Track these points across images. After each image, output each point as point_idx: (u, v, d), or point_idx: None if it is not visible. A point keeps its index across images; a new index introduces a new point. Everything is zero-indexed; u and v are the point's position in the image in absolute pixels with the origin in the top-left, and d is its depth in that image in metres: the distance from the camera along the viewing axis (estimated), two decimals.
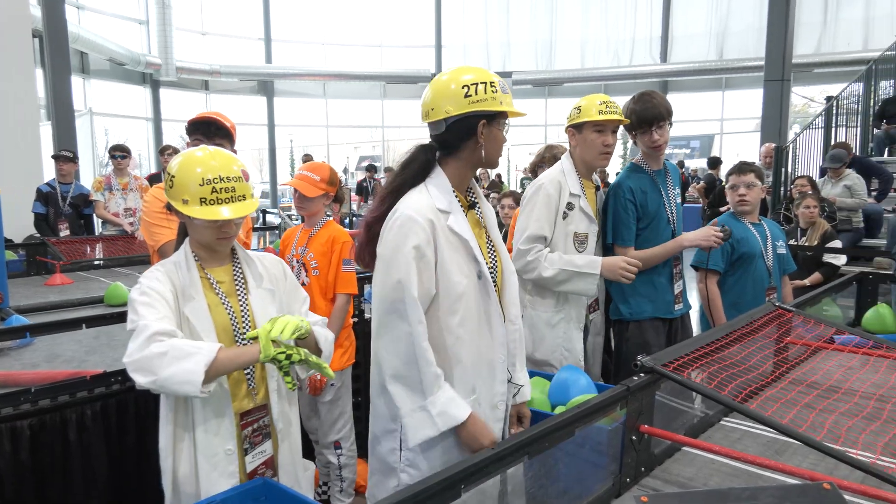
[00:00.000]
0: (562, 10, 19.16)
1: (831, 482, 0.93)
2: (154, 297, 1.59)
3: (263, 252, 1.94)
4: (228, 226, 1.67)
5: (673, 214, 2.74)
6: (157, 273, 1.67)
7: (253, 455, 1.73)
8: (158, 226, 2.41)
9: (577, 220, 2.61)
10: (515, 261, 2.53)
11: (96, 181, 6.12)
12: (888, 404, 1.77)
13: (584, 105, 2.58)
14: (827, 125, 8.34)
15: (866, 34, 15.71)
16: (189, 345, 1.51)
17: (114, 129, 16.70)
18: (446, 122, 1.70)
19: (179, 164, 1.66)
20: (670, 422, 1.83)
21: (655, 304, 2.69)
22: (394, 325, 1.67)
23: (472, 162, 1.76)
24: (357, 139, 21.63)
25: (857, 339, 2.29)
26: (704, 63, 17.41)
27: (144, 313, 1.53)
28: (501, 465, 1.23)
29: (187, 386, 1.46)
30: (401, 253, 1.65)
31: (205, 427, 1.66)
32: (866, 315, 2.91)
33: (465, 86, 1.67)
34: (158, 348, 1.46)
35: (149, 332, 1.48)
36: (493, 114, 1.70)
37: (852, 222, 6.45)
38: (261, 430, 1.75)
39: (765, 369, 1.99)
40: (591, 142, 2.57)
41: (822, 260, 5.33)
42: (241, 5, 19.07)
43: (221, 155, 1.69)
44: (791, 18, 9.14)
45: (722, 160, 10.13)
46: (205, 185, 1.61)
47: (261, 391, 1.76)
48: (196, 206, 1.62)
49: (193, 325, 1.65)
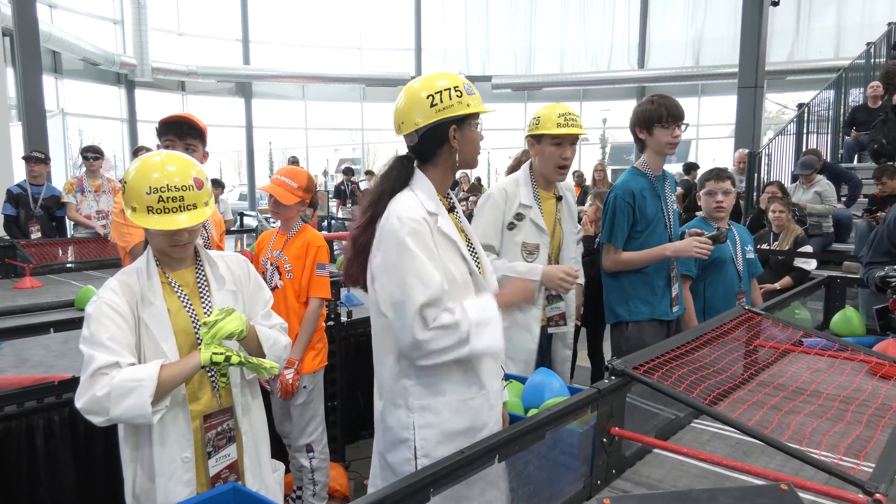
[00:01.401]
0: (541, 16, 19.30)
1: (789, 483, 0.95)
2: (106, 311, 1.59)
3: (229, 252, 1.94)
4: (180, 234, 1.65)
5: (670, 220, 2.78)
6: (114, 283, 1.66)
7: (216, 459, 1.72)
8: (130, 226, 2.37)
9: (525, 231, 2.63)
10: None
11: (68, 183, 6.01)
12: (852, 406, 1.81)
13: (544, 116, 2.57)
14: (798, 132, 8.50)
15: (837, 43, 16.07)
16: (129, 378, 1.51)
17: (88, 130, 16.45)
18: (418, 133, 1.71)
19: (134, 170, 1.64)
20: (642, 424, 1.85)
21: (653, 307, 2.72)
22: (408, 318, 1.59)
23: (451, 166, 1.77)
24: (337, 142, 21.54)
25: (823, 342, 2.34)
26: (681, 70, 17.67)
27: (94, 331, 1.56)
28: (471, 469, 1.23)
29: (140, 419, 1.53)
30: (408, 250, 1.59)
31: (161, 436, 1.65)
32: (834, 318, 2.97)
33: (429, 95, 1.68)
34: (101, 389, 1.49)
35: (91, 369, 1.52)
36: (463, 117, 1.70)
37: (822, 227, 6.58)
38: (224, 433, 1.75)
39: (734, 371, 2.02)
40: (549, 154, 2.59)
41: (794, 264, 5.43)
42: (218, 6, 18.89)
43: (178, 160, 1.66)
44: (764, 27, 9.31)
45: (699, 165, 10.28)
46: (152, 194, 1.59)
47: (225, 393, 1.76)
48: (143, 214, 1.60)
49: (152, 330, 1.64)
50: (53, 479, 2.30)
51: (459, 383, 1.70)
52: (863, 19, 15.45)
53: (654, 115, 2.66)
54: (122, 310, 1.61)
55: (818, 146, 8.30)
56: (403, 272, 1.59)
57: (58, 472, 2.31)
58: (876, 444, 1.52)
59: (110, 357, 1.53)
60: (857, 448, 1.52)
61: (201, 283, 1.77)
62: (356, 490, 3.17)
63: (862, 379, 2.09)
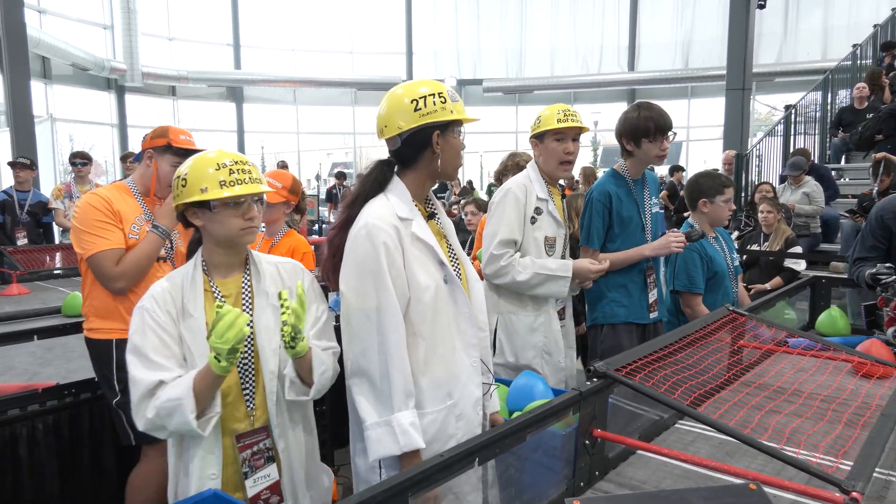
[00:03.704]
0: (531, 19, 19.37)
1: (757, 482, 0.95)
2: (147, 321, 1.59)
3: (287, 261, 1.85)
4: (251, 210, 1.63)
5: (648, 223, 2.78)
6: (157, 290, 1.65)
7: (255, 479, 1.65)
8: (91, 234, 2.29)
9: (545, 225, 2.62)
10: (488, 266, 2.54)
11: (56, 189, 5.99)
12: (832, 405, 1.82)
13: (545, 115, 2.61)
14: (786, 133, 8.57)
15: (825, 44, 16.21)
16: (169, 399, 1.51)
17: (78, 136, 16.38)
18: (401, 137, 1.72)
19: (189, 165, 1.65)
20: (627, 425, 1.86)
21: (629, 309, 2.72)
22: (367, 335, 1.64)
23: (430, 172, 1.77)
24: (329, 146, 21.52)
25: (807, 342, 2.35)
26: (671, 72, 17.78)
27: (139, 343, 1.58)
28: (450, 473, 1.23)
29: (191, 434, 1.54)
30: (373, 260, 1.64)
31: (192, 451, 1.63)
32: (820, 318, 2.98)
33: (413, 100, 1.70)
34: (150, 412, 1.52)
35: (138, 394, 1.54)
36: (446, 123, 1.72)
37: (810, 228, 6.63)
38: (262, 453, 1.67)
39: (718, 372, 2.03)
40: (553, 150, 2.59)
41: (784, 265, 5.47)
42: (209, 11, 18.87)
43: (231, 152, 1.70)
44: (751, 29, 9.38)
45: (684, 168, 10.35)
46: (221, 169, 1.60)
47: (260, 413, 1.69)
48: (216, 189, 1.59)
49: (189, 345, 1.61)
50: (37, 488, 2.28)
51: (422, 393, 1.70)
52: (849, 21, 15.59)
53: (642, 129, 2.65)
54: (161, 320, 1.60)
55: (806, 147, 8.36)
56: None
57: (42, 481, 2.30)
58: (855, 443, 1.53)
59: (152, 375, 1.54)
60: (836, 447, 1.53)
61: (245, 294, 1.70)
62: (344, 494, 3.16)
63: (844, 378, 2.10)
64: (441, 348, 1.72)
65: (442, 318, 1.73)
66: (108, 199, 2.34)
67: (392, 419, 1.60)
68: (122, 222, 2.34)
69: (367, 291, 1.64)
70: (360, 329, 1.65)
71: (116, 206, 2.34)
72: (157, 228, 2.37)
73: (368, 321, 1.63)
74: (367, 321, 1.64)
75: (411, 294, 1.68)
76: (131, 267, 2.31)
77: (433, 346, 1.71)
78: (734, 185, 3.08)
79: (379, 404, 1.63)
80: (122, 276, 2.30)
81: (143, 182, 2.48)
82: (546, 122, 2.58)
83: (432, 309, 1.70)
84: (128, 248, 2.33)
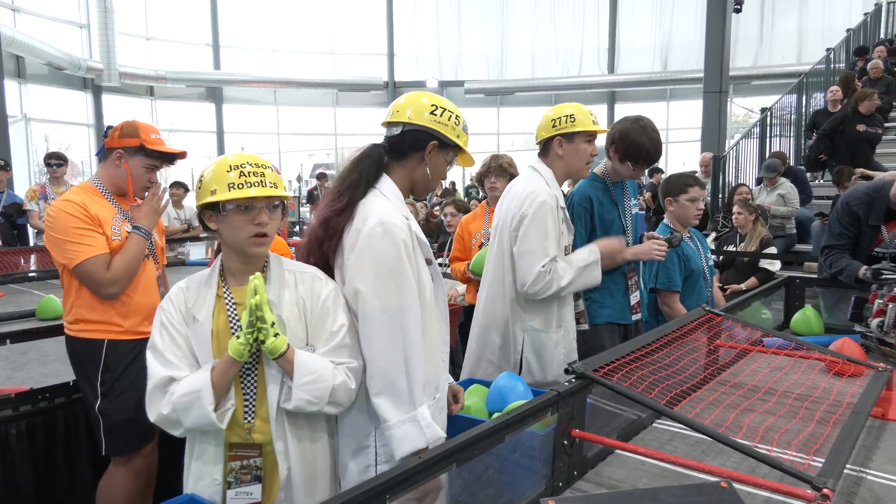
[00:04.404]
0: (512, 22, 19.44)
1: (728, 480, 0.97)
2: (163, 319, 1.61)
3: (310, 269, 1.73)
4: (261, 216, 1.56)
5: (628, 225, 2.80)
6: (175, 290, 1.66)
7: (236, 492, 1.60)
8: (74, 242, 2.23)
9: (566, 233, 2.57)
10: (535, 283, 2.38)
11: (30, 190, 5.90)
12: (805, 403, 1.86)
13: (578, 116, 2.51)
14: (762, 135, 8.71)
15: (800, 48, 16.50)
16: (187, 392, 1.52)
17: (54, 136, 16.10)
18: (404, 127, 1.76)
19: (209, 166, 1.62)
20: (606, 425, 1.88)
21: (611, 310, 2.74)
22: (388, 333, 1.64)
23: (413, 177, 1.82)
24: (310, 147, 21.40)
25: (781, 341, 2.39)
26: (650, 74, 17.95)
27: (156, 340, 1.60)
28: (429, 474, 1.24)
29: (209, 427, 1.54)
30: (393, 258, 1.65)
31: (198, 450, 1.62)
32: (794, 318, 3.03)
33: (434, 105, 1.77)
34: (165, 407, 1.53)
35: (151, 385, 1.56)
36: (446, 142, 1.78)
37: (785, 229, 6.74)
38: (249, 469, 1.61)
39: (694, 372, 2.06)
40: (583, 151, 2.53)
41: (759, 265, 5.56)
42: (187, 10, 18.64)
43: (253, 155, 1.68)
44: (727, 33, 9.51)
45: (662, 170, 10.47)
46: (233, 171, 1.56)
47: (260, 425, 1.61)
48: (224, 192, 1.54)
49: (195, 349, 1.60)
50: (11, 495, 2.24)
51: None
52: (823, 25, 15.89)
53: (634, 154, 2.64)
54: (175, 320, 1.61)
55: (781, 149, 8.50)
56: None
57: (16, 488, 2.26)
58: (827, 440, 1.56)
59: (166, 371, 1.55)
60: (809, 444, 1.56)
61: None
62: None
63: (817, 377, 2.14)
64: (431, 345, 1.77)
65: (432, 315, 1.78)
66: (82, 204, 2.28)
67: (416, 414, 1.63)
68: (102, 226, 2.30)
69: (388, 290, 1.64)
70: (380, 328, 1.64)
71: (93, 211, 2.29)
72: (138, 229, 2.35)
73: (392, 319, 1.64)
74: (390, 319, 1.64)
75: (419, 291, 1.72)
76: (123, 271, 2.29)
77: (428, 342, 1.74)
78: (701, 185, 3.09)
79: (400, 402, 1.63)
80: (115, 281, 2.27)
81: (111, 182, 2.41)
82: (581, 123, 2.49)
83: (428, 307, 1.75)
84: (112, 250, 2.30)
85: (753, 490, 1.48)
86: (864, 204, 3.00)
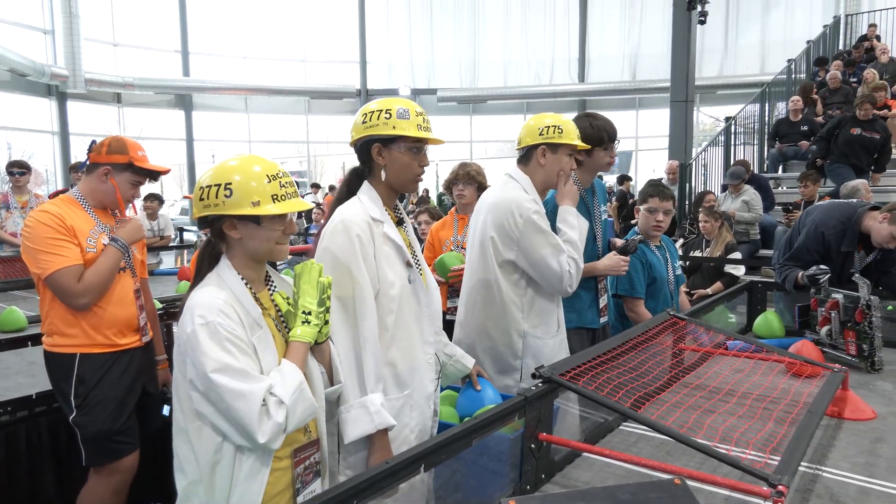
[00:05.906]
0: (484, 31, 19.62)
1: (681, 477, 1.00)
2: (227, 336, 1.47)
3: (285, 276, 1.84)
4: (292, 226, 1.62)
5: (599, 232, 2.85)
6: (219, 303, 1.49)
7: (304, 496, 1.57)
8: (47, 252, 2.21)
9: None
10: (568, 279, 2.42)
11: None
12: (764, 403, 1.92)
13: (566, 128, 2.51)
14: (727, 143, 8.92)
15: (763, 59, 16.97)
16: (294, 391, 1.47)
17: (17, 144, 15.72)
18: (355, 146, 1.92)
19: (235, 175, 1.54)
20: (574, 428, 1.91)
21: (580, 315, 2.78)
22: (343, 323, 1.77)
23: (387, 181, 1.91)
24: (282, 154, 21.25)
25: (743, 343, 2.46)
26: (619, 83, 18.29)
27: (229, 362, 1.44)
28: (396, 479, 1.25)
29: (310, 416, 1.54)
30: (348, 251, 1.77)
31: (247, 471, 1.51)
32: (756, 321, 3.11)
33: (364, 114, 1.88)
34: (280, 416, 1.43)
35: (255, 409, 1.42)
36: (389, 138, 1.86)
37: (749, 234, 6.91)
38: (311, 467, 1.62)
39: (658, 374, 2.11)
40: (564, 164, 2.53)
41: (724, 270, 5.69)
42: (156, 16, 18.41)
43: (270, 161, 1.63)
44: (693, 44, 9.73)
45: (631, 177, 10.65)
46: (272, 182, 1.54)
47: (313, 424, 1.65)
48: (270, 204, 1.52)
49: (260, 357, 1.52)
50: None
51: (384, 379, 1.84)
52: (784, 37, 16.37)
53: (596, 137, 2.68)
54: (237, 332, 1.48)
55: (745, 157, 8.72)
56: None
57: None
58: (783, 439, 1.61)
59: (261, 385, 1.44)
60: (766, 443, 1.61)
61: (277, 307, 1.67)
62: None
63: (776, 378, 2.21)
64: (403, 341, 1.87)
65: (405, 314, 1.87)
66: (59, 214, 2.28)
67: (366, 400, 1.75)
68: (77, 237, 2.29)
69: (342, 281, 1.77)
70: (334, 316, 1.74)
71: (69, 222, 2.28)
72: (116, 241, 2.35)
73: (345, 310, 1.78)
74: (344, 310, 1.78)
75: (379, 287, 1.82)
76: (94, 283, 2.27)
77: (395, 338, 1.85)
78: (663, 196, 3.10)
79: (352, 388, 1.76)
80: (86, 292, 2.25)
81: (94, 196, 2.42)
82: (568, 136, 2.49)
83: (397, 304, 1.85)
84: (86, 262, 2.28)
85: (713, 489, 1.52)
86: (838, 234, 3.09)
